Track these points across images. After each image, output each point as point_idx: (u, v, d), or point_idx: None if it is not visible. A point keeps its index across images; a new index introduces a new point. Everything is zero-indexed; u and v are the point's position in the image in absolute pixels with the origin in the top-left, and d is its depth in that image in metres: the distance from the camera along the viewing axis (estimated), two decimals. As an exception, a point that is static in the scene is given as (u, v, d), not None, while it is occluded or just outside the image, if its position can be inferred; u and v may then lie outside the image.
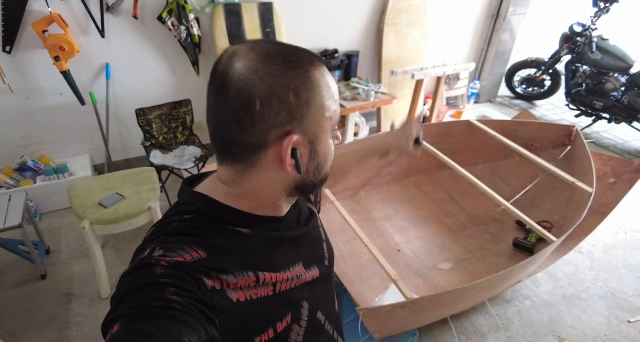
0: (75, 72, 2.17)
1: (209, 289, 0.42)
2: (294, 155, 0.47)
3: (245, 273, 0.47)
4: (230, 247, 0.47)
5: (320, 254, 0.62)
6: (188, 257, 0.43)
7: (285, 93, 0.44)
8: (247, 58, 0.44)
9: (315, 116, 0.47)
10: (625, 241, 2.23)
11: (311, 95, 0.46)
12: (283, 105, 0.44)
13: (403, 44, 3.04)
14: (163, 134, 2.41)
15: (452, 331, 1.68)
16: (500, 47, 3.62)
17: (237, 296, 0.45)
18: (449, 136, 2.34)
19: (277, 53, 0.45)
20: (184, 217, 0.49)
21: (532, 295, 1.90)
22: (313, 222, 0.63)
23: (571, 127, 2.19)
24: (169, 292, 0.39)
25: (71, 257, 2.06)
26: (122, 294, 0.40)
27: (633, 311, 1.81)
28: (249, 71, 0.43)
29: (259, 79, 0.43)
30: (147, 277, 0.40)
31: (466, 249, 1.99)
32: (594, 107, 3.20)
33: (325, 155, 0.51)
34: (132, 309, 0.38)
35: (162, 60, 2.43)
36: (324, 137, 0.49)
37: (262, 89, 0.43)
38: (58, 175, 2.31)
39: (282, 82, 0.43)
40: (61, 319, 1.73)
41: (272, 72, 0.43)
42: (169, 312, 0.37)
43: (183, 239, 0.45)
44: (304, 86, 0.45)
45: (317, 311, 0.56)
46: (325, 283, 0.62)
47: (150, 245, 0.45)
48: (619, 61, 3.03)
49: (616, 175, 1.95)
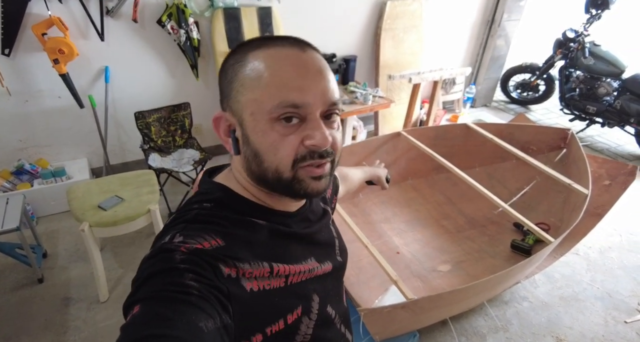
0: (74, 75, 2.17)
1: (225, 276, 0.43)
2: (232, 134, 0.50)
3: (260, 263, 0.47)
4: (247, 237, 0.48)
5: (331, 250, 0.63)
6: (207, 245, 0.44)
7: (222, 71, 0.50)
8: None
9: (236, 96, 0.48)
10: (620, 242, 2.26)
11: (234, 74, 0.48)
12: (221, 83, 0.50)
13: (400, 49, 3.08)
14: (162, 137, 2.41)
15: (451, 332, 1.69)
16: (495, 52, 3.68)
17: (250, 285, 0.45)
18: (446, 139, 2.36)
19: (254, 39, 0.49)
20: (203, 205, 0.50)
21: (530, 296, 1.91)
22: (325, 220, 0.63)
23: (566, 130, 2.22)
24: (188, 277, 0.40)
25: (68, 261, 2.04)
26: (142, 277, 0.41)
27: (629, 312, 1.83)
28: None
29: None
30: (167, 262, 0.41)
31: (464, 251, 2.00)
32: (588, 111, 3.25)
33: (261, 144, 0.47)
34: (152, 293, 0.39)
35: (161, 64, 2.44)
36: (251, 121, 0.47)
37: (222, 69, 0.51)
38: (55, 178, 2.30)
39: (227, 62, 0.49)
40: (59, 324, 1.71)
41: (231, 54, 0.50)
42: (187, 297, 0.38)
43: (202, 226, 0.46)
44: (233, 66, 0.48)
45: (327, 304, 0.57)
46: (336, 278, 0.63)
47: (170, 231, 0.46)
48: (611, 66, 3.09)
49: (611, 177, 1.99)
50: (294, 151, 0.47)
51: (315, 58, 0.48)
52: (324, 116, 0.48)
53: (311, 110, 0.46)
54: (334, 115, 0.50)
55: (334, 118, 0.50)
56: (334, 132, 0.50)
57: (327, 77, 0.48)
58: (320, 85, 0.47)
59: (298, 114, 0.46)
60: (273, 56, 0.46)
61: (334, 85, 0.49)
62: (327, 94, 0.47)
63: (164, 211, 2.34)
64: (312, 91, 0.46)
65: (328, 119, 0.49)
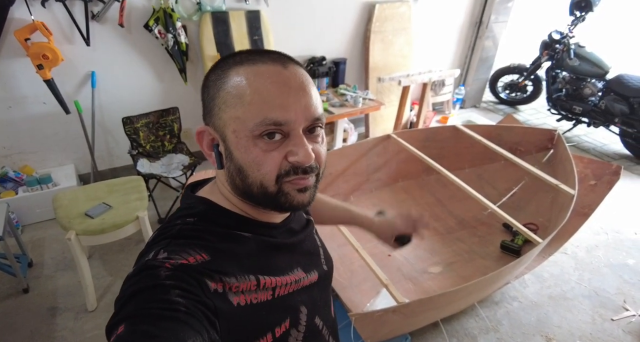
0: (59, 80, 2.13)
1: (211, 291, 0.43)
2: (215, 148, 0.50)
3: (247, 276, 0.47)
4: (232, 251, 0.48)
5: (317, 259, 0.63)
6: (192, 260, 0.44)
7: (204, 87, 0.50)
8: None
9: (218, 113, 0.48)
10: (607, 241, 2.29)
11: (216, 91, 0.48)
12: (203, 98, 0.50)
13: (389, 51, 3.09)
14: (150, 142, 2.38)
15: (443, 334, 1.69)
16: (483, 53, 3.72)
17: (237, 299, 0.45)
18: (436, 141, 2.38)
19: (236, 54, 0.49)
20: (187, 220, 0.49)
21: (520, 296, 1.93)
22: (308, 229, 0.63)
23: (553, 131, 2.25)
24: (174, 294, 0.39)
25: (55, 270, 2.00)
26: (126, 295, 0.40)
27: (616, 309, 1.86)
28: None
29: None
30: (152, 279, 0.40)
31: (455, 252, 2.01)
32: (574, 111, 3.31)
33: (245, 160, 0.47)
34: (137, 311, 0.38)
35: (149, 68, 2.41)
36: (234, 138, 0.47)
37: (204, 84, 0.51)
38: (41, 185, 2.26)
39: (209, 78, 0.49)
40: (45, 334, 1.68)
41: (212, 70, 0.50)
42: (174, 314, 0.38)
43: (187, 241, 0.46)
44: (215, 83, 0.48)
45: (315, 315, 0.57)
46: (323, 288, 0.62)
47: (154, 248, 0.45)
48: (595, 67, 3.15)
49: (596, 177, 2.02)
50: (277, 167, 0.47)
51: (297, 74, 0.48)
52: (308, 130, 0.48)
53: (294, 126, 0.46)
54: (317, 128, 0.49)
55: (318, 132, 0.50)
56: (318, 146, 0.50)
57: (310, 92, 0.48)
58: (302, 101, 0.46)
59: (281, 131, 0.46)
60: (255, 73, 0.46)
61: (316, 100, 0.48)
62: (309, 110, 0.47)
63: (153, 217, 2.31)
64: (295, 108, 0.46)
65: (312, 133, 0.49)
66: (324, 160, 0.51)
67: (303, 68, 0.50)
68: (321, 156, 0.50)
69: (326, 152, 0.52)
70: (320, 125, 0.49)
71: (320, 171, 0.51)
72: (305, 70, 0.51)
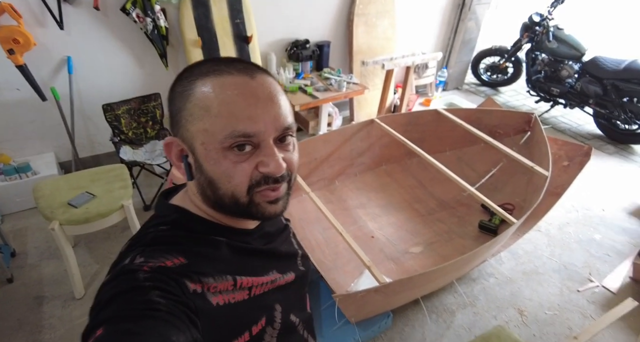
0: (33, 66, 2.06)
1: (190, 292, 0.43)
2: (184, 160, 0.50)
3: (224, 277, 0.48)
4: (208, 254, 0.49)
5: (293, 261, 0.64)
6: (170, 263, 0.44)
7: (171, 98, 0.49)
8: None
9: (185, 125, 0.47)
10: (577, 218, 2.42)
11: (182, 104, 0.47)
12: (170, 109, 0.50)
13: (373, 34, 3.08)
14: (132, 129, 2.35)
15: (423, 311, 1.79)
16: (466, 35, 3.73)
17: (216, 299, 0.46)
18: (418, 125, 2.42)
19: (202, 64, 0.49)
20: (160, 228, 0.49)
21: (496, 272, 2.04)
22: (285, 233, 0.65)
23: (530, 114, 2.32)
24: (154, 294, 0.39)
25: (39, 259, 2.00)
26: (103, 301, 0.39)
27: (582, 281, 1.99)
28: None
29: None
30: (130, 282, 0.40)
31: (435, 232, 2.10)
32: (552, 93, 3.39)
33: (215, 172, 0.47)
34: (116, 312, 0.37)
35: (128, 53, 2.35)
36: (203, 150, 0.46)
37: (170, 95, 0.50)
38: (20, 174, 2.22)
39: (174, 89, 0.49)
40: (33, 323, 1.69)
41: (177, 82, 0.49)
42: (155, 313, 0.37)
43: (162, 247, 0.46)
44: (181, 94, 0.48)
45: (290, 313, 0.58)
46: (299, 286, 0.63)
47: (129, 254, 0.45)
48: (573, 50, 3.21)
49: (569, 158, 2.11)
50: (248, 178, 0.47)
51: (265, 83, 0.47)
52: (278, 139, 0.48)
53: (264, 137, 0.46)
54: (288, 137, 0.49)
55: (289, 140, 0.50)
56: (289, 154, 0.50)
57: (279, 102, 0.47)
58: (271, 112, 0.46)
59: (251, 142, 0.46)
60: (221, 85, 0.45)
61: (286, 109, 0.48)
62: (279, 120, 0.47)
63: (138, 204, 2.31)
64: (264, 119, 0.45)
65: (282, 142, 0.49)
66: (296, 167, 0.52)
67: (271, 76, 0.50)
68: (293, 164, 0.50)
69: (298, 158, 0.52)
70: (291, 133, 0.50)
71: (292, 178, 0.52)
72: (274, 78, 0.50)
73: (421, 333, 1.71)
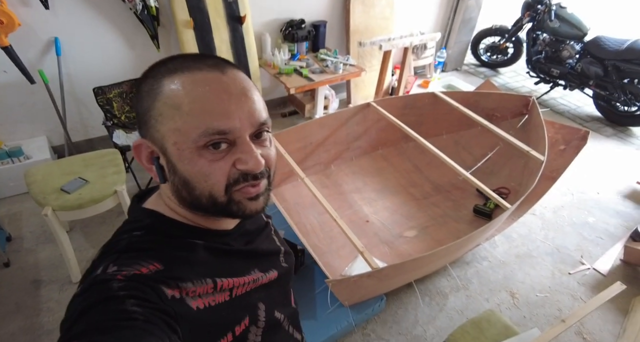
0: (19, 47, 2.00)
1: (169, 298, 0.42)
2: (155, 162, 0.47)
3: (203, 280, 0.47)
4: (185, 258, 0.47)
5: (276, 258, 0.63)
6: (145, 270, 0.42)
7: (138, 98, 0.46)
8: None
9: (155, 125, 0.45)
10: (572, 201, 2.43)
11: (150, 103, 0.45)
12: (137, 110, 0.47)
13: (370, 14, 2.99)
14: (125, 113, 2.31)
15: (416, 294, 1.82)
16: (466, 14, 3.63)
17: (196, 303, 0.45)
18: (415, 108, 2.39)
19: (168, 61, 0.46)
20: (133, 234, 0.47)
21: (490, 256, 2.06)
22: (266, 231, 0.63)
23: (528, 97, 2.29)
24: (129, 303, 0.38)
25: (35, 243, 2.01)
26: (75, 314, 0.37)
27: (573, 264, 2.02)
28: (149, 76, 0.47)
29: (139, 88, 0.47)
30: (104, 292, 0.38)
31: (430, 216, 2.10)
32: (552, 74, 3.34)
33: (191, 173, 0.45)
34: (91, 325, 0.36)
35: (118, 35, 2.28)
36: (174, 151, 0.45)
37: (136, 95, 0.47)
38: (12, 158, 2.19)
39: (141, 88, 0.46)
40: (30, 306, 1.71)
41: (144, 80, 0.46)
42: (132, 323, 0.36)
43: (136, 254, 0.44)
44: (148, 93, 0.45)
45: (274, 310, 0.57)
46: (283, 283, 0.63)
47: (102, 263, 0.43)
48: (575, 29, 3.14)
49: (566, 142, 2.09)
50: (226, 176, 0.45)
51: (237, 79, 0.46)
52: (254, 135, 0.47)
53: (240, 134, 0.45)
54: (264, 133, 0.48)
55: (265, 136, 0.49)
56: (267, 150, 0.49)
57: (252, 97, 0.46)
58: (245, 107, 0.45)
59: (226, 139, 0.44)
60: (191, 82, 0.43)
61: (259, 104, 0.47)
62: (254, 116, 0.46)
63: (133, 189, 2.30)
64: (238, 115, 0.44)
65: (258, 137, 0.48)
66: (274, 163, 0.51)
67: (242, 72, 0.48)
68: (271, 160, 0.49)
69: (275, 154, 0.51)
70: (267, 129, 0.48)
71: (271, 173, 0.51)
72: (245, 72, 0.48)
73: (414, 315, 1.74)
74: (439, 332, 1.68)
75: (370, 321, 1.70)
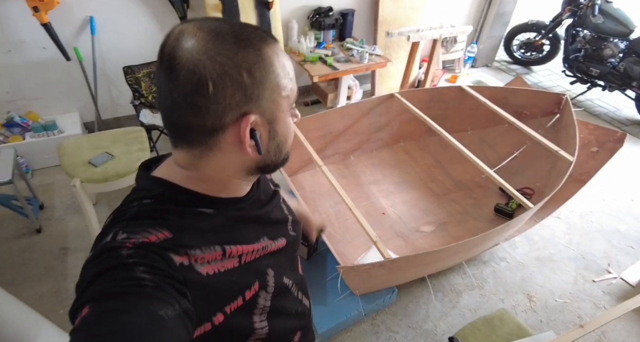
0: (57, 25, 2.08)
1: (177, 265, 0.43)
2: (253, 136, 0.46)
3: (212, 247, 0.48)
4: (194, 226, 0.48)
5: (284, 227, 0.63)
6: (153, 238, 0.43)
7: (239, 73, 0.42)
8: (195, 37, 0.41)
9: (271, 95, 0.46)
10: (602, 207, 2.32)
11: (265, 74, 0.44)
12: (237, 85, 0.42)
13: (400, 3, 2.92)
14: (152, 93, 2.37)
15: (429, 289, 1.79)
16: (500, 8, 3.49)
17: (205, 269, 0.46)
18: (441, 102, 2.33)
19: (226, 31, 0.43)
20: (143, 201, 0.47)
21: (508, 257, 2.00)
22: (275, 200, 0.64)
23: (561, 95, 2.19)
24: (138, 270, 0.39)
25: (65, 213, 2.11)
26: (87, 279, 0.39)
27: (599, 272, 1.93)
28: (198, 51, 0.41)
29: (210, 60, 0.41)
30: (114, 260, 0.39)
31: (449, 212, 2.06)
32: (590, 73, 3.17)
33: (285, 135, 0.51)
34: (102, 291, 0.37)
35: (150, 16, 2.33)
36: (282, 116, 0.49)
37: (214, 69, 0.41)
38: (47, 132, 2.30)
39: (234, 62, 0.42)
40: (58, 271, 1.81)
41: (222, 51, 0.41)
42: (141, 289, 0.37)
43: (145, 222, 0.45)
44: (257, 64, 0.43)
45: (283, 276, 0.59)
46: (290, 251, 0.64)
47: (111, 230, 0.44)
48: (620, 25, 2.95)
49: (599, 144, 1.99)
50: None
51: None
52: None
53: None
54: None
55: None
56: None
57: None
58: None
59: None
60: (280, 51, 0.47)
61: None
62: None
63: (156, 168, 2.36)
64: None
65: None
66: None
67: None
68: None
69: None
70: None
71: None
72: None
73: (425, 310, 1.72)
74: (449, 329, 1.65)
75: (380, 312, 1.69)
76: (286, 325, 0.61)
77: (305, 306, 0.68)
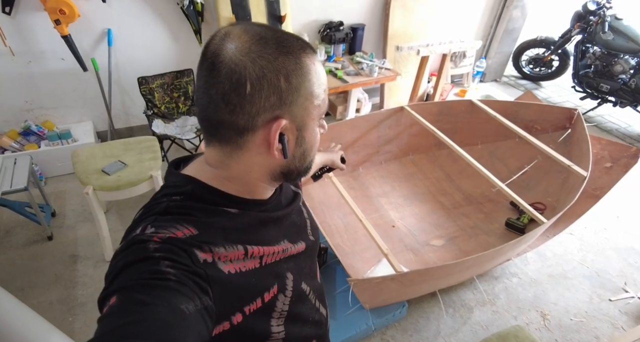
0: (76, 36, 2.14)
1: (201, 261, 0.44)
2: (281, 140, 0.47)
3: (235, 246, 0.49)
4: (219, 225, 0.49)
5: (303, 230, 0.64)
6: (180, 234, 0.44)
7: (276, 77, 0.44)
8: (240, 39, 0.44)
9: (304, 103, 0.47)
10: (617, 223, 2.28)
11: (301, 82, 0.46)
12: (273, 89, 0.44)
13: (410, 18, 2.97)
14: (165, 104, 2.41)
15: (439, 304, 1.76)
16: (509, 24, 3.53)
17: (227, 268, 0.47)
18: (450, 115, 2.34)
19: (269, 37, 0.45)
20: (173, 198, 0.49)
21: (520, 273, 1.97)
22: (295, 202, 0.64)
23: (573, 110, 2.18)
24: (163, 264, 0.40)
25: (76, 221, 2.13)
26: (116, 269, 0.41)
27: (615, 291, 1.88)
28: (242, 52, 0.43)
29: (251, 61, 0.43)
30: (141, 253, 0.41)
31: (459, 226, 2.04)
32: (600, 89, 3.16)
33: (311, 143, 0.52)
34: (128, 282, 0.39)
35: (164, 28, 2.39)
36: (311, 125, 0.50)
37: (254, 71, 0.43)
38: (62, 140, 2.34)
39: (274, 66, 0.44)
40: (67, 278, 1.81)
41: (264, 55, 0.43)
42: (165, 283, 0.39)
43: (173, 217, 0.46)
44: (295, 72, 0.45)
45: (302, 281, 0.59)
46: (309, 256, 0.65)
47: (141, 224, 0.46)
48: (631, 42, 2.96)
49: (613, 159, 1.97)
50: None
51: None
52: None
53: None
54: None
55: None
56: None
57: None
58: None
59: None
60: (317, 62, 0.48)
61: None
62: None
63: (167, 177, 2.38)
64: None
65: None
66: None
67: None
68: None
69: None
70: None
71: None
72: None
73: (436, 326, 1.68)
74: (460, 346, 1.62)
75: (390, 327, 1.66)
76: (302, 332, 0.60)
77: (322, 315, 0.67)
